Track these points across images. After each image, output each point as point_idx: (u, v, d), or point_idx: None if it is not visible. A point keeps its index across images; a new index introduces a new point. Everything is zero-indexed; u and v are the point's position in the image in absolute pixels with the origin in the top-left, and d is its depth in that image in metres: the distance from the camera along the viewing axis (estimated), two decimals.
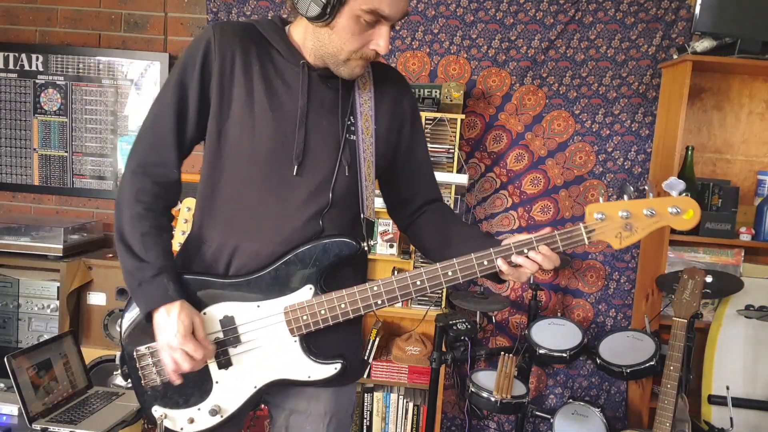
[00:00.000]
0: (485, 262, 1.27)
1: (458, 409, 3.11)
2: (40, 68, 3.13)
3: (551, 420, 2.61)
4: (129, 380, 1.38)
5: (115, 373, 1.15)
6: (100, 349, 2.78)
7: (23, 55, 3.13)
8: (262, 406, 1.45)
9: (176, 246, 2.15)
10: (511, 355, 2.44)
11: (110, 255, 2.91)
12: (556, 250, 1.27)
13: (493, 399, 2.31)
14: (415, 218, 1.51)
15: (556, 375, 3.08)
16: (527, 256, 1.26)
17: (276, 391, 1.38)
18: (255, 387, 1.34)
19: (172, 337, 1.24)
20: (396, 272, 2.86)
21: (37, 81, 3.14)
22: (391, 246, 2.85)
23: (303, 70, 1.32)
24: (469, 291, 2.94)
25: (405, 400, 2.88)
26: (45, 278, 2.79)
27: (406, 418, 2.88)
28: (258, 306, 1.31)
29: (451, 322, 2.48)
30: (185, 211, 2.41)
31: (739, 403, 2.46)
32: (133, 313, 1.35)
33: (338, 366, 1.33)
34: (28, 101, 3.15)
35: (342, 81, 1.34)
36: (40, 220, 3.02)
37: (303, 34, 1.32)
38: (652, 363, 2.33)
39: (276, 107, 1.30)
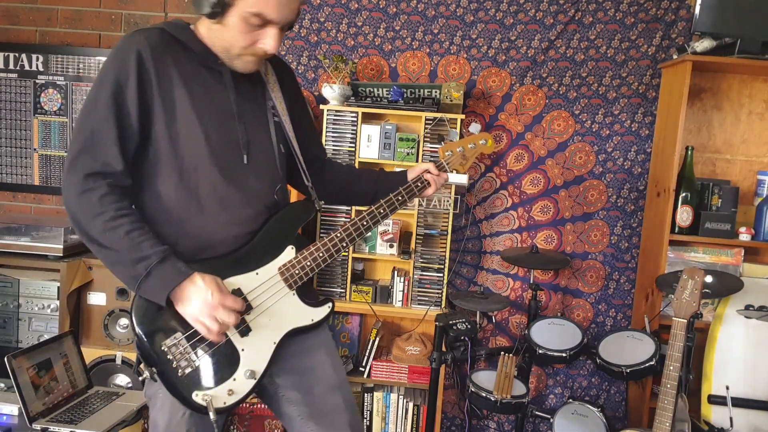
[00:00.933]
0: (400, 198, 1.66)
1: (458, 409, 3.11)
2: (41, 68, 3.13)
3: (551, 420, 2.61)
4: (161, 378, 1.40)
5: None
6: (100, 349, 2.79)
7: (23, 55, 3.13)
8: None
9: None
10: (511, 355, 2.44)
11: None
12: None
13: (493, 399, 2.31)
14: (317, 176, 1.73)
15: (556, 375, 3.08)
16: (425, 186, 1.71)
17: (282, 345, 1.53)
18: (274, 342, 1.51)
19: (209, 298, 1.34)
20: (396, 272, 2.86)
21: (37, 81, 3.14)
22: (391, 246, 2.86)
23: (224, 67, 1.45)
24: (469, 291, 2.94)
25: (405, 400, 2.88)
26: (45, 278, 2.79)
27: (406, 418, 2.88)
28: (257, 273, 1.49)
29: (451, 322, 2.48)
30: None
31: (739, 402, 2.46)
32: (143, 315, 1.39)
33: (330, 304, 1.60)
34: (29, 101, 3.16)
35: (255, 72, 1.49)
36: (41, 220, 3.02)
37: (206, 32, 1.43)
38: (651, 363, 2.33)
39: (216, 104, 1.43)
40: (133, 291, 1.37)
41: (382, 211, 1.63)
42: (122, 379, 2.79)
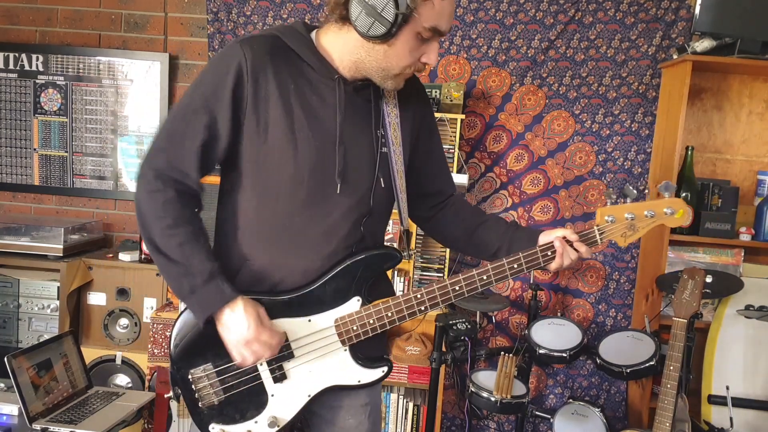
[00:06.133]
0: (515, 266, 1.36)
1: (458, 409, 3.11)
2: (41, 68, 3.13)
3: (551, 420, 2.61)
4: (184, 401, 1.40)
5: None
6: (100, 349, 2.79)
7: (23, 55, 3.13)
8: None
9: None
10: (511, 355, 2.44)
11: (110, 255, 2.91)
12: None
13: (493, 399, 2.31)
14: (438, 211, 1.57)
15: (556, 375, 3.08)
16: (552, 258, 1.37)
17: (320, 395, 1.42)
18: (309, 396, 1.40)
19: (245, 331, 1.27)
20: (396, 272, 2.86)
21: (37, 81, 3.14)
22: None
23: (339, 86, 1.33)
24: None
25: (405, 400, 2.88)
26: (45, 278, 2.79)
27: (406, 418, 2.88)
28: (309, 320, 1.36)
29: (451, 322, 2.48)
30: None
31: (739, 403, 2.46)
32: (182, 333, 1.37)
33: (385, 369, 1.43)
34: (29, 101, 3.15)
35: (373, 92, 1.37)
36: (41, 220, 3.02)
37: (341, 47, 1.32)
38: (652, 363, 2.33)
39: (315, 126, 1.31)
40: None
41: (485, 278, 1.36)
42: (122, 379, 2.79)
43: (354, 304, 1.37)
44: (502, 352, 2.47)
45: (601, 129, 2.98)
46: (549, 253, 1.37)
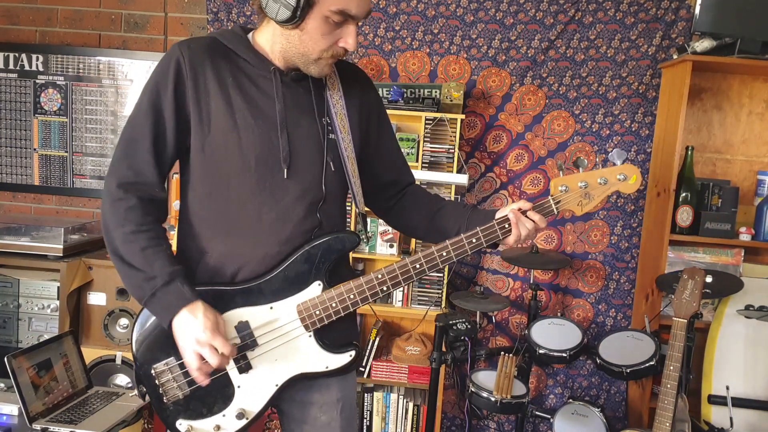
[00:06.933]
0: (474, 240, 1.38)
1: (458, 409, 3.11)
2: (41, 68, 3.13)
3: (551, 420, 2.61)
4: (148, 399, 1.38)
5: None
6: (100, 349, 2.78)
7: (23, 55, 3.13)
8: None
9: None
10: (511, 355, 2.44)
11: None
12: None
13: (493, 399, 2.31)
14: (397, 201, 1.59)
15: (556, 375, 3.08)
16: (510, 231, 1.39)
17: (288, 386, 1.40)
18: (276, 385, 1.38)
19: (200, 333, 1.26)
20: None
21: (37, 81, 3.14)
22: (391, 246, 2.86)
23: (275, 76, 1.36)
24: (469, 291, 2.94)
25: (405, 400, 2.88)
26: (45, 278, 2.79)
27: (406, 418, 2.88)
28: (271, 308, 1.36)
29: (451, 322, 2.48)
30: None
31: (739, 402, 2.46)
32: (143, 330, 1.37)
33: (353, 353, 1.40)
34: (29, 101, 3.15)
35: (313, 82, 1.40)
36: (41, 220, 3.02)
37: (270, 39, 1.37)
38: (652, 363, 2.33)
39: (257, 115, 1.34)
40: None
41: (445, 254, 1.37)
42: (122, 379, 2.79)
43: (315, 289, 1.36)
44: (502, 352, 2.47)
45: (601, 129, 2.98)
46: (506, 226, 1.39)
